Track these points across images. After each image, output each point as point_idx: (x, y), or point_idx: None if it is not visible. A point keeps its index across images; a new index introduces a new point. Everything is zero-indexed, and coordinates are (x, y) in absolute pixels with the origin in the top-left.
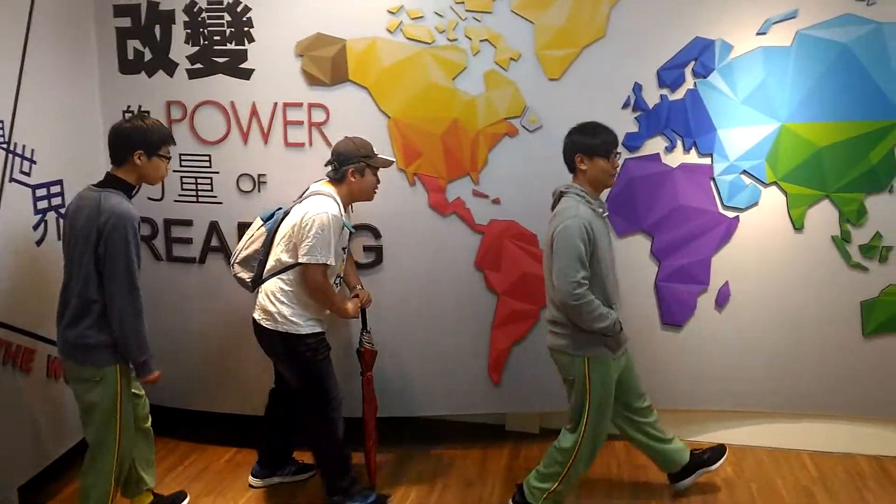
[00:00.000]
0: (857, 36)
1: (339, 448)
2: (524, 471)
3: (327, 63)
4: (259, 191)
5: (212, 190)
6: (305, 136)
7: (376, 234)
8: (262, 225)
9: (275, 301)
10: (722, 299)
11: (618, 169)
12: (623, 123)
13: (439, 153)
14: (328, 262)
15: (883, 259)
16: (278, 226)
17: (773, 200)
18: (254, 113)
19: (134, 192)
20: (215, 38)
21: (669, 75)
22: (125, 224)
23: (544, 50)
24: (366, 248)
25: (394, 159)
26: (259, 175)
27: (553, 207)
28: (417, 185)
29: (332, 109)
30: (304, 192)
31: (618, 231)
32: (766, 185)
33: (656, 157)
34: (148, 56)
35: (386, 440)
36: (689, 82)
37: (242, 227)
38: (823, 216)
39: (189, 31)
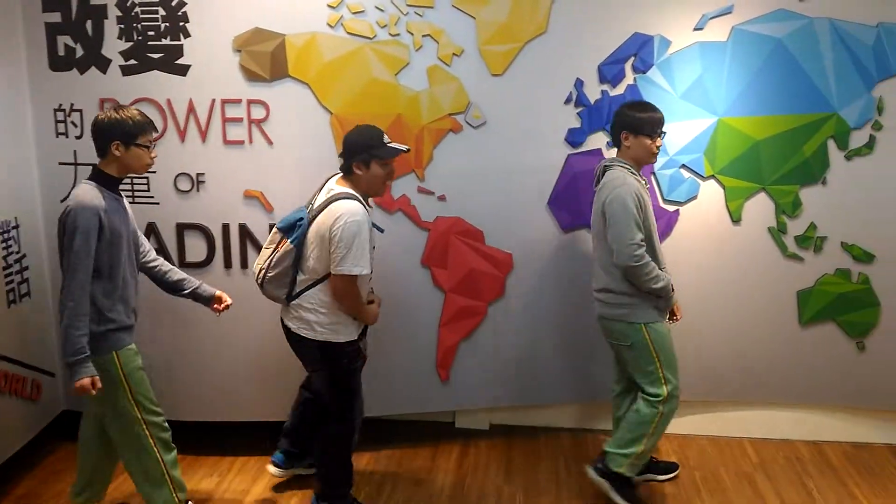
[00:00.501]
0: (791, 31)
1: (347, 458)
2: (474, 468)
3: (266, 58)
4: (198, 190)
5: (148, 190)
6: (245, 134)
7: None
8: (282, 237)
9: (312, 310)
10: None
11: (659, 148)
12: (565, 119)
13: None
14: (364, 273)
15: (818, 249)
16: (304, 238)
17: (711, 194)
18: (191, 110)
19: (118, 183)
20: (149, 33)
21: (610, 71)
22: (77, 212)
23: (487, 45)
24: None
25: (406, 147)
26: (198, 174)
27: (597, 182)
28: None
29: (272, 105)
30: (320, 188)
31: (562, 226)
32: (704, 178)
33: (598, 152)
34: (80, 52)
35: None
36: (630, 78)
37: (181, 229)
38: (760, 208)
39: (122, 26)
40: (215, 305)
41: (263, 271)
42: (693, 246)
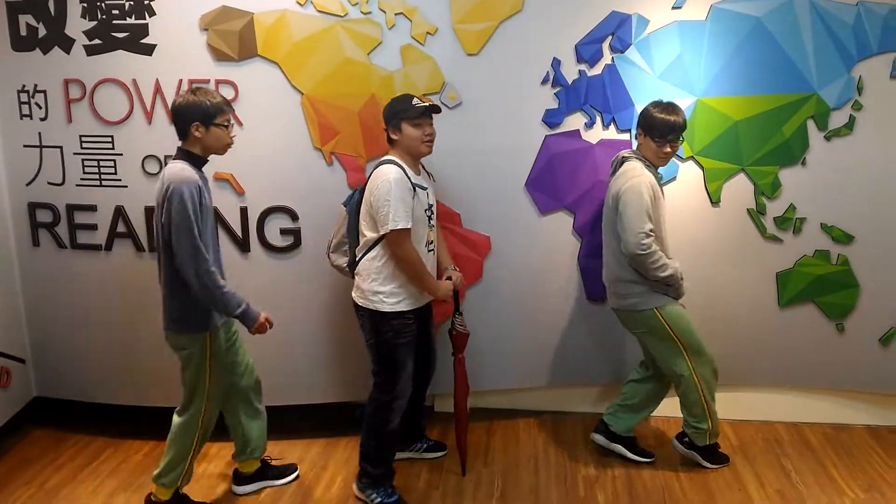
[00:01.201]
0: (770, 9)
1: (386, 438)
2: (452, 451)
3: (234, 37)
4: None
5: (115, 173)
6: None
7: (293, 216)
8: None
9: (366, 277)
10: None
11: (670, 154)
12: (543, 100)
13: (357, 131)
14: (405, 226)
15: (797, 231)
16: (358, 206)
17: (690, 175)
18: (157, 90)
19: (204, 163)
20: (114, 11)
21: (587, 50)
22: (181, 187)
23: (461, 24)
24: (283, 231)
25: (429, 102)
26: (166, 156)
27: (613, 173)
28: (335, 165)
29: (241, 86)
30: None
31: (541, 208)
32: (683, 160)
33: (576, 133)
34: (42, 32)
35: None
36: (607, 57)
37: (150, 212)
38: (739, 189)
39: (85, 4)
40: None
41: (330, 241)
42: (672, 228)
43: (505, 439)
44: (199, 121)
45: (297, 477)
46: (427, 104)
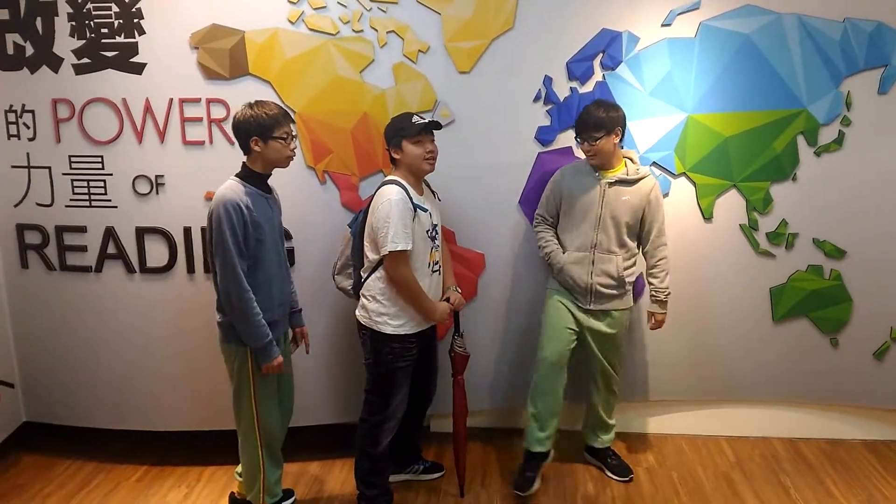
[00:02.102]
0: (759, 27)
1: (377, 459)
2: (450, 472)
3: (225, 55)
4: (157, 193)
5: (105, 193)
6: (205, 134)
7: (287, 235)
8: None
9: (370, 297)
10: (637, 290)
11: (591, 150)
12: (535, 117)
13: (350, 149)
14: (404, 248)
15: (789, 246)
16: (362, 228)
17: (682, 191)
18: (148, 109)
19: (265, 178)
20: (103, 30)
21: (578, 68)
22: (219, 206)
23: (453, 42)
24: None
25: (426, 119)
26: (157, 176)
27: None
28: (328, 184)
29: (232, 104)
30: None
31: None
32: (675, 175)
33: (569, 150)
34: (30, 51)
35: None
36: (598, 75)
37: (141, 233)
38: (731, 205)
39: (74, 23)
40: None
41: (335, 263)
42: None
43: (502, 459)
44: (258, 135)
45: (295, 502)
46: (427, 121)
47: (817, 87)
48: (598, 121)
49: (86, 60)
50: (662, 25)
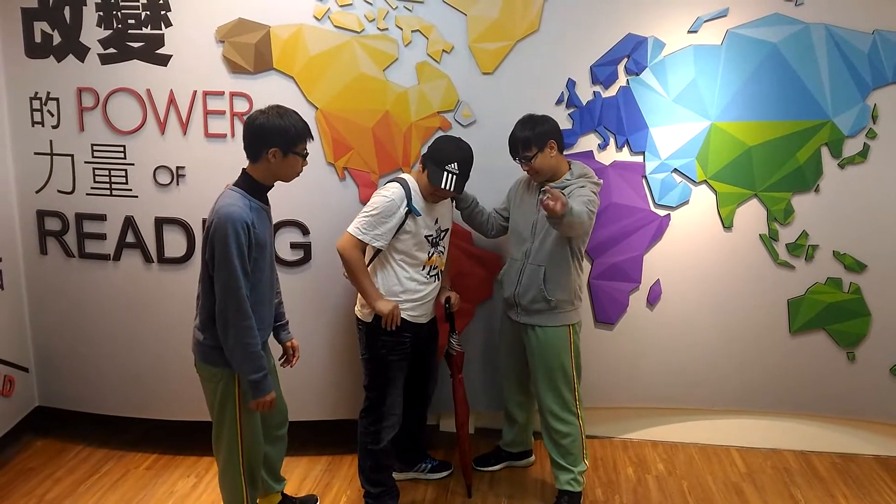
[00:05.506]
0: (786, 36)
1: (379, 455)
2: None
3: (250, 50)
4: (178, 184)
5: (127, 183)
6: (227, 127)
7: (304, 230)
8: None
9: None
10: (653, 297)
11: (531, 170)
12: (557, 120)
13: (370, 147)
14: (361, 239)
15: (809, 258)
16: None
17: (703, 199)
18: (171, 101)
19: (266, 190)
20: (129, 21)
21: (602, 72)
22: (226, 225)
23: (477, 43)
24: (293, 245)
25: (452, 182)
26: (178, 167)
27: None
28: (348, 180)
29: (255, 99)
30: None
31: None
32: (696, 183)
33: (590, 154)
34: (57, 39)
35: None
36: (622, 79)
37: (160, 223)
38: (752, 215)
39: (101, 13)
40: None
41: None
42: (684, 251)
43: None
44: (279, 146)
45: None
46: (450, 188)
47: (843, 99)
48: (525, 140)
49: (112, 50)
50: (689, 32)
